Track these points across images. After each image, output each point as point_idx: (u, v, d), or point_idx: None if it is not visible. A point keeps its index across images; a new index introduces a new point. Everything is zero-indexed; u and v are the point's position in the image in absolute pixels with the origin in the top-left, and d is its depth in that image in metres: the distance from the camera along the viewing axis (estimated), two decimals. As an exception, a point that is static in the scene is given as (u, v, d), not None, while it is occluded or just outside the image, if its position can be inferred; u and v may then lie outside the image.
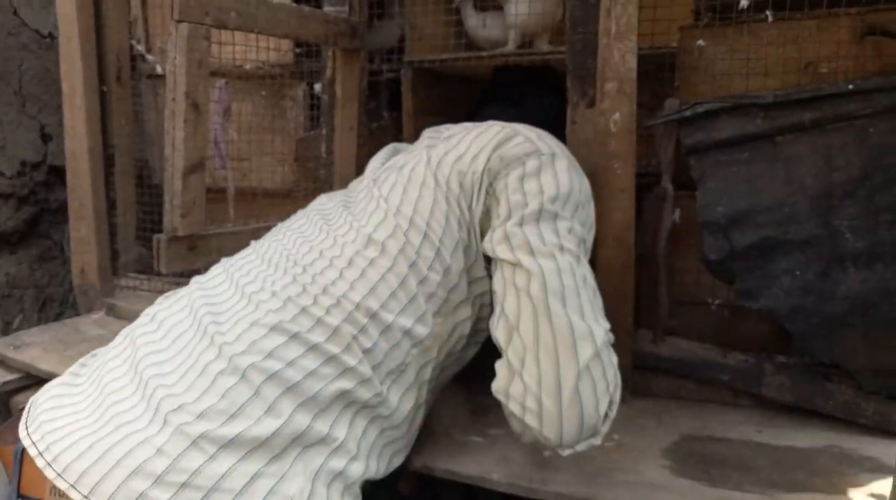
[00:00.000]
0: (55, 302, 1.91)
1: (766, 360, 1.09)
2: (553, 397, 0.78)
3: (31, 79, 1.92)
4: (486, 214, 0.90)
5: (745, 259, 1.07)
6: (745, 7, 1.11)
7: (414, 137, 1.26)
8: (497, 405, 1.12)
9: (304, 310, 0.80)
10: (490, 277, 0.89)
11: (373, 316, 0.82)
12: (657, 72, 1.26)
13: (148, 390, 0.75)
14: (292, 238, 0.94)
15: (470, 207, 0.89)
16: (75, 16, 1.53)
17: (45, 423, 0.76)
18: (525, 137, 0.92)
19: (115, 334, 1.45)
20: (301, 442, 0.74)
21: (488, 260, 0.89)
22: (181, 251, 1.09)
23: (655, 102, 1.20)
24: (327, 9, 1.38)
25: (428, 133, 1.04)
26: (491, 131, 0.93)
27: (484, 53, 1.44)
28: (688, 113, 1.09)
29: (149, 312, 0.90)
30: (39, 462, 0.72)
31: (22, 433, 0.77)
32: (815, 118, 1.05)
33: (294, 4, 1.24)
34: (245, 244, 0.99)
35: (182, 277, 1.59)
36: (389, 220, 0.89)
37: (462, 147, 0.93)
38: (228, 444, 0.70)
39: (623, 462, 0.92)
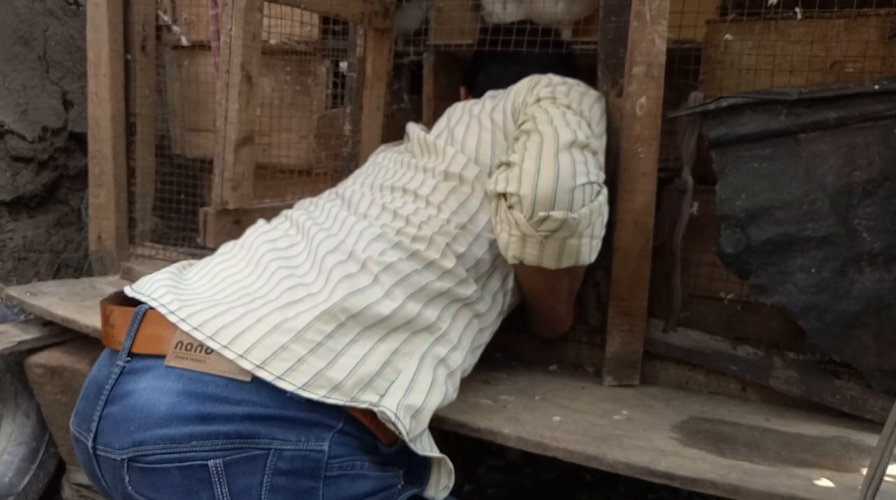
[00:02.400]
0: (70, 268, 1.93)
1: (775, 354, 1.10)
2: (533, 160, 0.90)
3: (56, 45, 1.93)
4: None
5: (762, 254, 1.08)
6: (774, 3, 1.11)
7: (432, 121, 1.27)
8: (507, 376, 1.14)
9: (399, 231, 0.92)
10: None
11: (462, 228, 0.95)
12: (680, 65, 1.27)
13: (275, 277, 0.84)
14: (367, 183, 1.05)
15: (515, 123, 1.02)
16: (104, -17, 1.54)
17: (167, 293, 0.81)
18: (564, 79, 1.06)
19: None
20: (411, 327, 0.85)
21: None
22: (227, 225, 1.10)
23: (675, 97, 1.20)
24: (359, -13, 1.38)
25: (469, 103, 1.16)
26: (535, 78, 1.07)
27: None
28: (712, 106, 1.10)
29: (254, 230, 1.00)
30: (172, 319, 0.76)
31: (141, 297, 0.81)
32: (839, 117, 1.05)
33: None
34: None
35: (200, 249, 1.61)
36: (460, 157, 1.01)
37: (511, 93, 1.07)
38: (356, 315, 0.80)
39: (633, 432, 0.93)
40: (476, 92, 1.26)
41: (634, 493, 1.44)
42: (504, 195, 0.91)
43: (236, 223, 1.11)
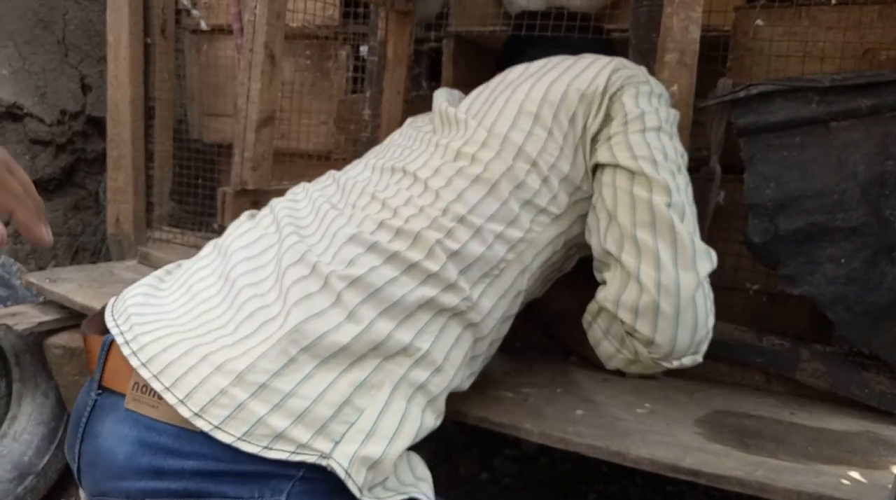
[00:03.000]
0: (87, 251, 1.93)
1: (802, 346, 1.08)
2: (671, 299, 0.81)
3: (75, 29, 1.93)
4: (603, 126, 0.90)
5: (790, 244, 1.06)
6: (808, -12, 1.09)
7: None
8: (529, 368, 1.13)
9: (380, 226, 0.80)
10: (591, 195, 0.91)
11: (460, 220, 0.81)
12: (708, 52, 1.24)
13: (239, 298, 0.75)
14: (371, 163, 0.94)
15: (585, 123, 0.89)
16: (125, -34, 1.54)
17: (133, 315, 0.75)
18: (637, 69, 0.95)
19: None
20: (381, 352, 0.72)
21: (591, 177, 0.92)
22: (246, 206, 1.09)
23: (703, 84, 1.18)
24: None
25: (515, 71, 0.99)
26: (604, 59, 0.94)
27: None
28: (741, 94, 1.08)
29: (236, 227, 0.91)
30: (125, 350, 0.70)
31: (109, 322, 0.75)
32: (872, 105, 1.03)
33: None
34: None
35: (217, 233, 1.60)
36: (480, 132, 0.88)
37: (576, 70, 0.93)
38: (310, 347, 0.70)
39: (656, 426, 0.92)
40: None
41: (652, 485, 1.43)
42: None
43: (254, 204, 1.11)
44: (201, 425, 0.65)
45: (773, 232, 1.07)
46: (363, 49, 1.47)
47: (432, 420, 0.77)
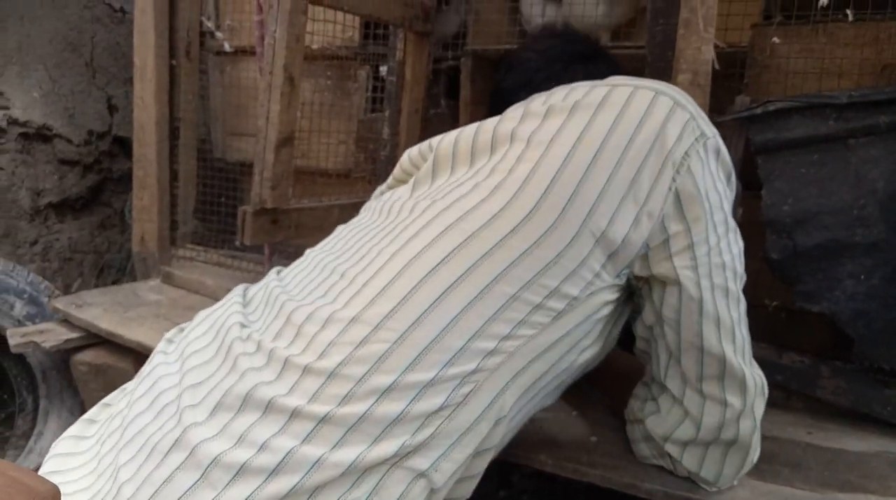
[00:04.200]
0: (113, 269, 1.97)
1: (822, 362, 1.08)
2: (726, 444, 0.77)
3: (102, 51, 1.98)
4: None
5: (809, 260, 1.06)
6: (824, 5, 1.09)
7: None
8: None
9: (285, 365, 0.61)
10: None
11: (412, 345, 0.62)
12: (725, 69, 1.25)
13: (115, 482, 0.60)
14: (331, 247, 0.75)
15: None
16: (151, -10, 1.58)
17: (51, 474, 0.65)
18: (687, 100, 0.73)
19: (170, 301, 1.51)
20: None
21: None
22: (265, 225, 1.11)
23: (720, 101, 1.19)
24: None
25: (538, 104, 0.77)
26: (657, 107, 0.71)
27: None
28: (759, 111, 1.08)
29: (228, 301, 0.75)
30: None
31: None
32: (891, 121, 1.03)
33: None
34: (323, 222, 0.98)
35: (241, 250, 1.63)
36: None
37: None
38: None
39: (673, 454, 0.91)
40: None
41: (673, 503, 1.41)
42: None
43: (274, 223, 1.13)
44: None
45: (792, 248, 1.07)
46: (382, 69, 1.49)
47: None
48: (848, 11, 1.08)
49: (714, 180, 0.72)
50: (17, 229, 1.76)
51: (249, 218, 1.09)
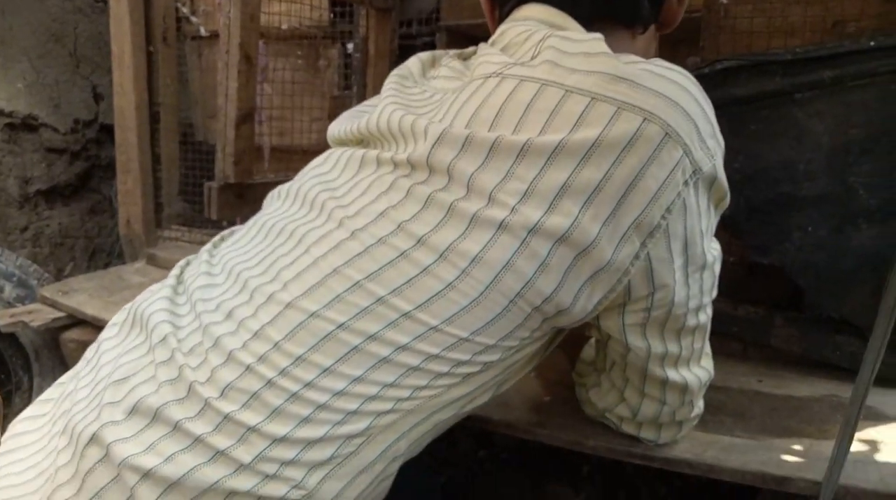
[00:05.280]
0: (104, 252, 2.02)
1: (776, 313, 1.11)
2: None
3: (85, 41, 2.02)
4: None
5: (759, 215, 1.09)
6: (770, -35, 1.11)
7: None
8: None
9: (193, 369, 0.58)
10: None
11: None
12: (692, 35, 1.27)
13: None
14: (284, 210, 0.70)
15: None
16: (125, -23, 1.61)
17: None
18: (681, 148, 0.57)
19: (154, 282, 1.55)
20: None
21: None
22: (230, 199, 1.15)
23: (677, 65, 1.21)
24: (361, -31, 1.43)
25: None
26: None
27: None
28: (707, 71, 1.10)
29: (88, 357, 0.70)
30: None
31: None
32: (835, 76, 1.05)
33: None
34: None
35: (222, 228, 1.67)
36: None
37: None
38: None
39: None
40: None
41: (647, 459, 1.46)
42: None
43: (239, 197, 1.17)
44: None
45: (743, 204, 1.10)
46: (350, 47, 1.52)
47: None
48: (791, -31, 1.10)
49: (699, 220, 0.61)
50: (7, 217, 1.82)
51: (214, 194, 1.13)
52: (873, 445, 0.84)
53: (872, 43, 1.03)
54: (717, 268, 0.69)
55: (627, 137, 0.55)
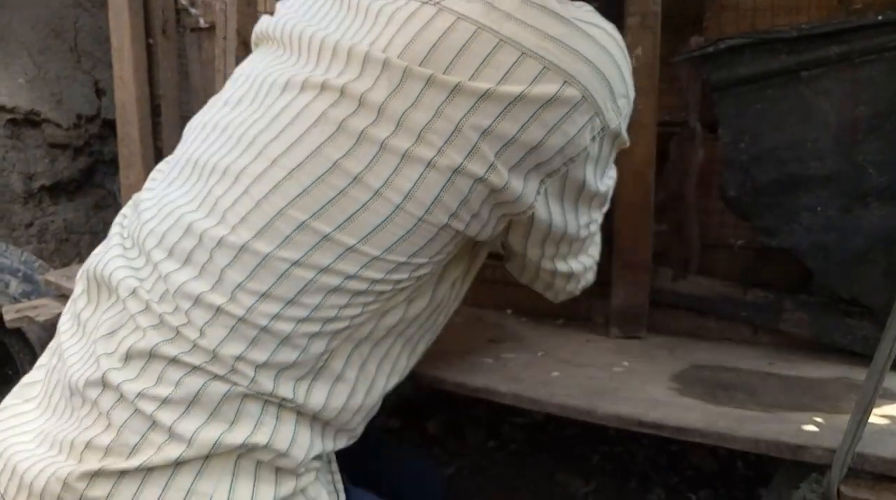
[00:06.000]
0: (109, 248, 2.02)
1: (786, 297, 1.09)
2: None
3: (86, 36, 2.01)
4: None
5: (766, 196, 1.07)
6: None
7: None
8: (514, 334, 1.16)
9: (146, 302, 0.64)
10: None
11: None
12: (685, 12, 1.24)
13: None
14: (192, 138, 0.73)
15: None
16: (122, -30, 1.60)
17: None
18: (594, 109, 0.65)
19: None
20: (216, 453, 0.63)
21: None
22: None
23: (681, 44, 1.19)
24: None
25: None
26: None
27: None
28: (711, 50, 1.08)
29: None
30: None
31: None
32: (842, 52, 1.03)
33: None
34: None
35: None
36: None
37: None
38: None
39: (630, 383, 0.94)
40: None
41: (656, 446, 1.45)
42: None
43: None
44: None
45: (749, 185, 1.08)
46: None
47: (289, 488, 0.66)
48: (797, -56, 1.08)
49: (596, 166, 0.71)
50: (12, 213, 1.82)
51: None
52: (891, 419, 0.82)
53: (880, 17, 1.01)
54: (610, 192, 0.81)
55: (548, 96, 0.61)
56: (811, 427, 0.80)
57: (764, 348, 1.10)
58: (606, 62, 0.64)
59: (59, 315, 1.40)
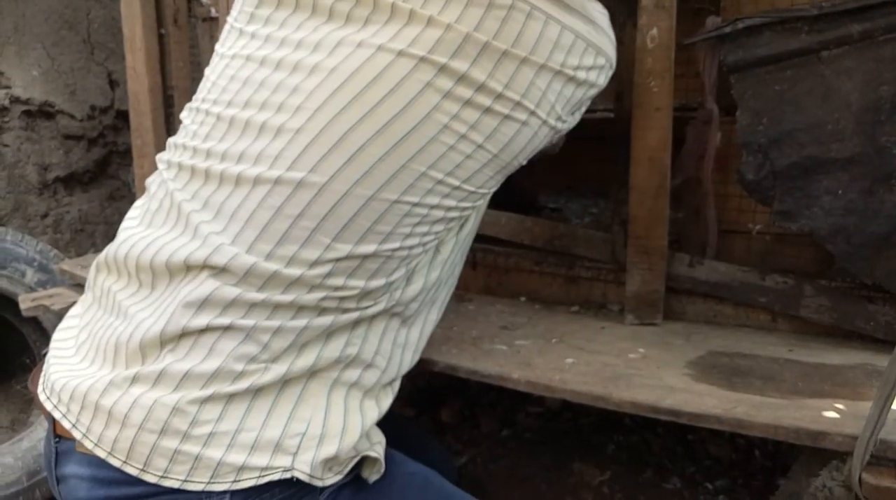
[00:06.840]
0: (124, 238, 2.03)
1: (806, 282, 1.07)
2: None
3: (99, 27, 2.01)
4: None
5: (786, 179, 1.05)
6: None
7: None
8: (527, 321, 1.15)
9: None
10: None
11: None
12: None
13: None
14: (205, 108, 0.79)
15: None
16: (134, -41, 1.60)
17: (55, 364, 0.77)
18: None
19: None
20: (311, 371, 0.73)
21: None
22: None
23: (697, 25, 1.16)
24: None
25: None
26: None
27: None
28: (728, 30, 1.06)
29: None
30: (56, 414, 0.72)
31: (40, 393, 0.77)
32: (864, 30, 1.00)
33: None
34: None
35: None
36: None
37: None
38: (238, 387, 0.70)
39: (645, 370, 0.92)
40: None
41: (674, 434, 1.43)
42: None
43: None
44: (133, 472, 0.67)
45: (768, 168, 1.06)
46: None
47: (375, 410, 0.77)
48: (816, -81, 1.05)
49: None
50: (27, 203, 1.83)
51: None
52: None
53: (905, -6, 0.98)
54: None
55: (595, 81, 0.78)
56: (832, 414, 0.78)
57: (783, 334, 1.08)
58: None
59: (73, 304, 1.41)
